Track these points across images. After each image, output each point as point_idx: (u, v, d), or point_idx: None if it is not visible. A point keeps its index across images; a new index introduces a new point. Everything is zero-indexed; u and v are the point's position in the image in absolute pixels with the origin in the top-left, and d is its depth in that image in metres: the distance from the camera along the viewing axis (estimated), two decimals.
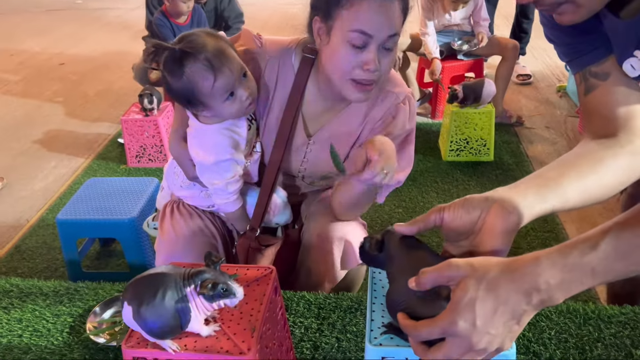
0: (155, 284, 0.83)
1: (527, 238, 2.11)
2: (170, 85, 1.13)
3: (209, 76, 1.10)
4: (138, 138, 2.74)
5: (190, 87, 1.11)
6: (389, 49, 1.11)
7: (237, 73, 1.13)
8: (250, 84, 1.16)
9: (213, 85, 1.10)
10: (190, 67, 1.09)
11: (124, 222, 1.84)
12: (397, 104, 1.25)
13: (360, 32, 1.07)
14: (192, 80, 1.10)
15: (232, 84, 1.12)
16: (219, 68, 1.10)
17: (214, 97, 1.12)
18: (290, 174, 1.35)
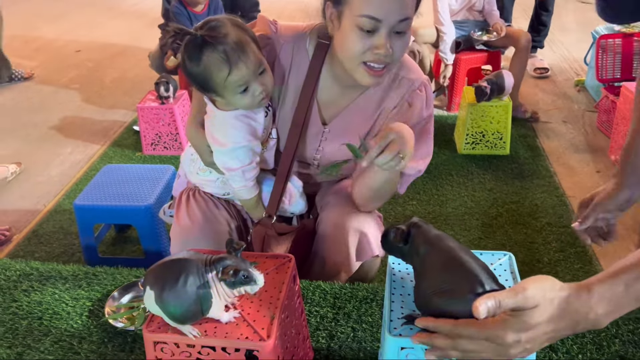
0: (177, 269, 0.84)
1: (543, 233, 2.10)
2: (187, 69, 1.14)
3: (224, 68, 1.10)
4: (154, 126, 2.75)
5: (205, 75, 1.12)
6: (401, 33, 1.11)
7: (253, 69, 1.13)
8: (266, 80, 1.17)
9: (227, 78, 1.11)
10: (207, 55, 1.10)
11: (140, 208, 1.85)
12: (413, 90, 1.25)
13: (369, 17, 1.07)
14: (208, 69, 1.11)
15: (247, 80, 1.13)
16: (235, 62, 1.10)
17: (226, 89, 1.13)
18: (305, 162, 1.35)
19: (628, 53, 2.74)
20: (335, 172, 1.37)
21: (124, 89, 3.68)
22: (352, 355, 1.14)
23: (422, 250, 0.85)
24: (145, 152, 2.80)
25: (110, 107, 3.41)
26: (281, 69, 1.25)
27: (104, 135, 3.04)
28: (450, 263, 0.81)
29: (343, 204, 1.32)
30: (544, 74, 3.50)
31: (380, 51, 1.09)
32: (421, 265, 0.84)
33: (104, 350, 1.18)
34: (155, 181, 1.97)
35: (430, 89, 1.28)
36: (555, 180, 2.43)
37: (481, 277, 0.77)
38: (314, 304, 1.27)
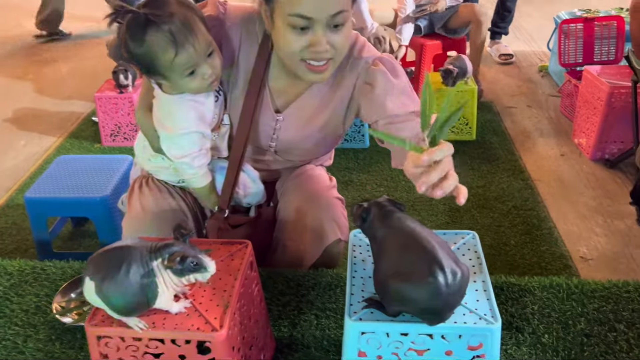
0: (119, 257, 0.78)
1: (509, 216, 2.10)
2: (129, 49, 1.07)
3: (170, 50, 1.04)
4: (113, 116, 2.64)
5: (149, 57, 1.05)
6: (339, 26, 1.05)
7: (201, 50, 1.06)
8: (215, 62, 1.10)
9: (173, 60, 1.05)
10: (151, 36, 1.03)
11: (95, 200, 1.77)
12: (367, 68, 1.18)
13: (299, 16, 1.01)
14: (152, 50, 1.04)
15: (195, 61, 1.07)
16: (182, 44, 1.04)
17: (173, 71, 1.07)
18: (261, 148, 1.29)
19: (589, 37, 2.76)
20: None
21: (82, 79, 3.55)
22: (316, 343, 1.10)
23: (380, 232, 0.82)
24: (105, 144, 2.70)
25: (67, 98, 3.27)
26: (230, 51, 1.19)
27: (61, 127, 2.92)
28: (409, 244, 0.77)
29: (304, 189, 1.27)
30: (509, 60, 3.52)
31: (317, 49, 1.04)
32: (379, 246, 0.81)
33: (51, 349, 1.11)
34: (111, 172, 1.89)
35: (392, 61, 1.20)
36: (520, 164, 2.44)
37: (441, 259, 0.74)
38: (276, 292, 1.22)
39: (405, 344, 0.78)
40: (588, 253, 1.89)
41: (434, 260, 0.74)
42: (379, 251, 0.81)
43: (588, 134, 2.43)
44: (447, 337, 0.77)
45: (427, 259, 0.74)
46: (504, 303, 1.17)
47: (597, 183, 2.27)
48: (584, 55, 2.76)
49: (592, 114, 2.39)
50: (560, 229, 2.01)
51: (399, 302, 0.75)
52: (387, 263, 0.77)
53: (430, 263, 0.73)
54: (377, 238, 0.83)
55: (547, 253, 1.90)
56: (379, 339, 0.78)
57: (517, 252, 1.91)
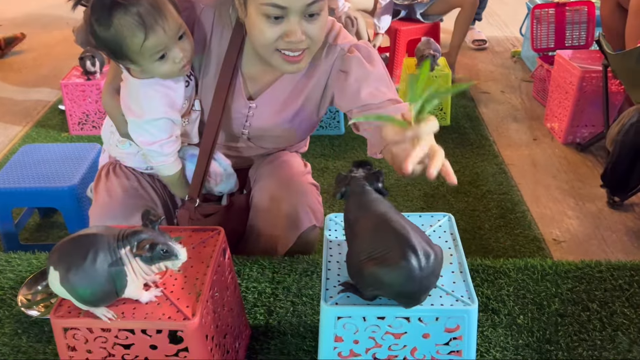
0: (84, 246, 0.75)
1: (484, 200, 2.11)
2: (96, 34, 1.02)
3: (139, 33, 1.00)
4: (80, 104, 2.56)
5: (117, 41, 1.01)
6: (315, 15, 1.02)
7: (172, 33, 1.03)
8: (187, 46, 1.07)
9: (143, 43, 1.01)
10: (119, 19, 0.99)
11: (63, 190, 1.71)
12: (342, 56, 1.15)
13: (273, 5, 0.98)
14: (120, 34, 1.00)
15: (165, 45, 1.03)
16: (152, 26, 1.00)
17: (142, 55, 1.03)
18: (234, 135, 1.26)
19: (561, 22, 2.78)
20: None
21: (49, 66, 3.44)
22: (292, 330, 1.08)
23: (353, 215, 0.80)
24: (72, 132, 2.62)
25: (33, 86, 3.17)
26: (202, 35, 1.15)
27: (27, 115, 2.82)
28: (382, 227, 0.75)
29: (277, 175, 1.25)
30: (482, 46, 3.53)
31: (292, 39, 1.01)
32: (352, 229, 0.79)
33: (18, 343, 1.07)
34: (79, 160, 1.83)
35: (368, 48, 1.18)
36: (494, 149, 2.45)
37: (413, 242, 0.72)
38: (252, 280, 1.20)
39: (382, 327, 0.77)
40: (561, 235, 1.92)
41: (406, 243, 0.72)
42: (352, 234, 0.80)
43: (560, 118, 2.46)
44: (424, 319, 0.76)
45: (400, 242, 0.73)
46: (480, 285, 1.17)
47: (569, 166, 2.31)
48: (556, 40, 2.79)
49: (564, 98, 2.41)
50: (534, 212, 2.03)
51: (373, 286, 0.74)
52: (360, 246, 0.76)
53: (403, 246, 0.72)
54: (350, 220, 0.81)
55: (520, 236, 1.92)
56: (356, 324, 0.77)
57: (491, 235, 1.93)
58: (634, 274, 1.19)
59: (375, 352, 0.79)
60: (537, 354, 1.02)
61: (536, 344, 1.04)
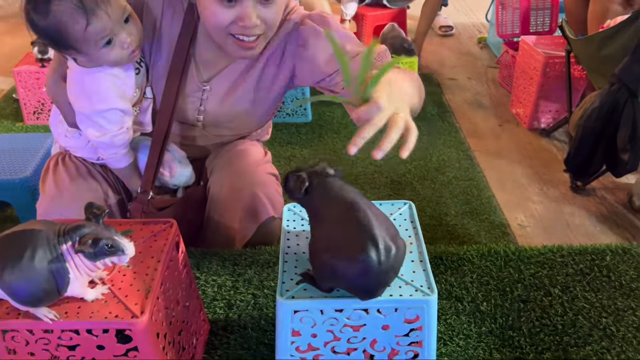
0: (21, 242, 0.70)
1: (450, 187, 2.11)
2: (34, 23, 0.95)
3: (80, 19, 0.93)
4: (35, 92, 2.45)
5: (57, 29, 0.94)
6: (270, 0, 0.98)
7: (116, 16, 0.97)
8: (134, 30, 1.01)
9: (85, 29, 0.94)
10: (57, 5, 0.92)
11: (15, 182, 1.63)
12: (295, 29, 1.11)
13: None
14: (60, 21, 0.94)
15: (110, 29, 0.97)
16: (93, 10, 0.94)
17: (87, 42, 0.97)
18: (188, 123, 1.21)
19: (526, 8, 2.79)
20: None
21: (0, 54, 3.29)
22: (253, 323, 1.05)
23: (316, 202, 0.77)
24: (27, 122, 2.51)
25: None
26: (151, 19, 1.09)
27: None
28: (344, 217, 0.73)
29: (235, 165, 1.21)
30: (449, 32, 3.53)
31: (246, 23, 0.97)
32: (315, 216, 0.76)
33: None
34: (32, 151, 1.75)
35: (321, 14, 1.13)
36: (460, 136, 2.45)
37: (376, 234, 0.69)
38: (211, 273, 1.16)
39: (341, 320, 0.74)
40: (525, 220, 1.93)
41: (367, 235, 0.69)
42: (314, 222, 0.77)
43: (525, 104, 2.48)
44: (383, 311, 0.74)
45: (361, 233, 0.70)
46: (443, 272, 1.16)
47: (533, 152, 2.32)
48: (521, 26, 2.80)
49: (528, 84, 2.42)
50: (499, 197, 2.04)
51: (329, 278, 0.71)
52: (320, 235, 0.73)
53: (363, 238, 0.69)
54: (313, 208, 0.78)
55: (486, 222, 1.92)
56: (313, 317, 0.74)
57: (457, 222, 1.93)
58: (594, 258, 1.20)
59: (334, 346, 0.77)
60: (500, 341, 1.01)
61: (499, 331, 1.04)
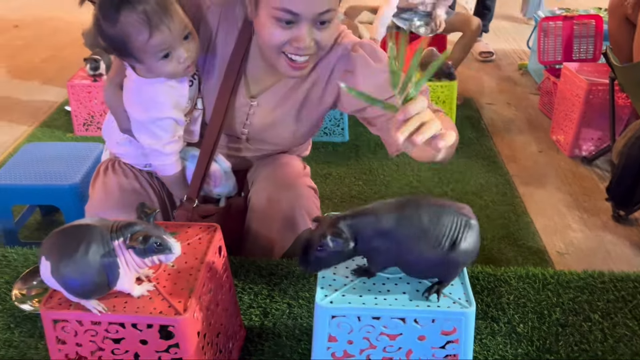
0: (77, 236, 0.74)
1: (487, 211, 2.09)
2: (102, 30, 1.03)
3: (144, 31, 1.00)
4: (86, 105, 2.57)
5: (123, 38, 1.01)
6: (325, 23, 1.02)
7: (177, 33, 1.03)
8: (191, 46, 1.07)
9: (147, 41, 1.01)
10: (125, 16, 0.99)
11: (64, 188, 1.70)
12: (346, 55, 1.14)
13: (286, 11, 0.98)
14: (125, 31, 1.01)
15: (170, 44, 1.03)
16: (157, 25, 1.00)
17: (147, 53, 1.03)
18: (234, 136, 1.25)
19: (568, 36, 2.77)
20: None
21: (56, 68, 3.46)
22: (287, 331, 1.06)
23: (372, 240, 0.76)
24: (77, 133, 2.62)
25: (40, 87, 3.19)
26: (207, 34, 1.15)
27: (32, 115, 2.83)
28: (425, 218, 0.75)
29: (275, 177, 1.23)
30: (489, 58, 3.53)
31: (299, 44, 1.01)
32: (396, 241, 0.75)
33: (10, 337, 1.06)
34: (82, 159, 1.83)
35: (372, 45, 1.16)
36: (498, 160, 2.44)
37: (455, 205, 0.79)
38: (248, 281, 1.18)
39: (378, 328, 0.75)
40: (564, 248, 1.89)
41: (453, 208, 0.77)
42: (399, 246, 0.75)
43: (566, 131, 2.45)
44: (420, 321, 0.75)
45: (451, 212, 0.76)
46: (480, 292, 1.15)
47: (574, 179, 2.28)
48: (563, 53, 2.78)
49: (570, 111, 2.40)
50: (537, 224, 2.01)
51: (465, 263, 0.78)
52: (427, 243, 0.74)
53: (456, 213, 0.76)
54: (373, 248, 0.76)
55: (523, 247, 1.89)
56: (350, 323, 0.75)
57: (494, 246, 1.90)
58: (637, 285, 1.17)
59: (370, 354, 0.77)
60: None
61: (536, 353, 1.02)
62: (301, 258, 0.78)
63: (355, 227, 0.76)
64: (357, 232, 0.76)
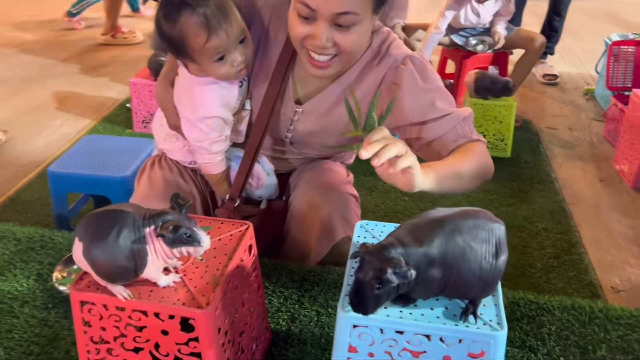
0: (111, 220, 0.75)
1: (538, 238, 1.99)
2: (162, 29, 1.06)
3: (202, 34, 1.02)
4: (146, 103, 2.66)
5: (181, 38, 1.04)
6: (345, 26, 1.00)
7: (234, 36, 1.05)
8: (246, 51, 1.09)
9: (204, 44, 1.03)
10: (185, 18, 1.02)
11: (116, 179, 1.76)
12: (396, 67, 1.12)
13: (303, 4, 0.98)
14: (184, 32, 1.03)
15: (226, 48, 1.05)
16: (215, 29, 1.02)
17: (203, 55, 1.05)
18: (278, 138, 1.25)
19: None
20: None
21: (122, 67, 3.62)
22: (313, 340, 1.04)
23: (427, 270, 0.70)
24: (136, 130, 2.72)
25: (105, 84, 3.34)
26: (257, 34, 1.16)
27: (96, 110, 2.97)
28: (467, 238, 0.72)
29: (317, 181, 1.22)
30: (553, 81, 3.40)
31: (315, 42, 1.01)
32: (445, 266, 0.70)
33: (46, 316, 1.09)
34: (135, 153, 1.89)
35: (423, 61, 1.14)
36: (555, 186, 2.32)
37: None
38: (279, 284, 1.17)
39: (400, 343, 0.72)
40: (620, 284, 1.77)
41: (487, 217, 0.76)
42: (451, 269, 0.70)
43: (631, 160, 2.31)
44: (446, 340, 0.71)
45: (486, 221, 0.75)
46: (519, 320, 1.09)
47: (636, 212, 2.14)
48: (634, 79, 2.64)
49: (636, 140, 2.26)
50: (592, 256, 1.89)
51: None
52: (475, 259, 0.71)
53: (490, 220, 0.75)
54: (434, 263, 0.71)
55: (574, 280, 1.79)
56: (372, 335, 0.72)
57: (542, 275, 1.81)
58: None
59: None
60: None
61: None
62: (355, 302, 0.69)
63: (406, 257, 0.69)
64: (408, 262, 0.69)
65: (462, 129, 1.09)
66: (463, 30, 2.90)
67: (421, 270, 0.70)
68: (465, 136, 1.09)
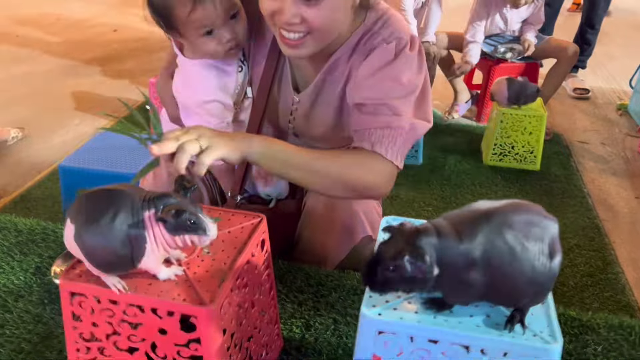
0: (106, 200, 0.67)
1: (570, 255, 1.87)
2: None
3: (187, 4, 0.97)
4: None
5: (166, 8, 0.99)
6: (314, 0, 0.89)
7: (222, 10, 0.98)
8: (238, 28, 1.01)
9: (189, 14, 0.97)
10: None
11: (125, 176, 1.70)
12: (382, 43, 0.99)
13: None
14: (169, 1, 0.98)
15: (212, 21, 0.98)
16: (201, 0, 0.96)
17: (188, 27, 1.00)
18: (282, 129, 1.17)
19: None
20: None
21: (144, 71, 3.61)
22: (329, 350, 0.94)
23: (455, 267, 0.61)
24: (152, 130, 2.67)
25: (126, 86, 3.33)
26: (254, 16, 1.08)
27: (115, 111, 2.93)
28: (520, 227, 0.62)
29: None
30: (584, 95, 3.27)
31: (281, 17, 0.91)
32: (489, 267, 0.61)
33: (41, 312, 1.01)
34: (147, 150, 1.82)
35: (417, 49, 1.00)
36: (588, 202, 2.20)
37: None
38: (294, 289, 1.08)
39: (434, 353, 0.61)
40: None
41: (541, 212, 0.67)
42: (495, 272, 0.61)
43: None
44: (487, 352, 0.60)
45: (539, 216, 0.65)
46: None
47: None
48: None
49: None
50: (629, 275, 1.76)
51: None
52: (527, 260, 0.61)
53: (544, 216, 0.66)
54: (476, 265, 0.61)
55: (610, 300, 1.66)
56: (401, 343, 0.62)
57: (575, 294, 1.68)
58: None
59: None
60: None
61: None
62: (365, 273, 0.62)
63: (440, 251, 0.60)
64: (442, 257, 0.60)
65: (381, 138, 0.95)
66: (490, 38, 2.81)
67: (458, 270, 0.60)
68: (371, 144, 0.96)
